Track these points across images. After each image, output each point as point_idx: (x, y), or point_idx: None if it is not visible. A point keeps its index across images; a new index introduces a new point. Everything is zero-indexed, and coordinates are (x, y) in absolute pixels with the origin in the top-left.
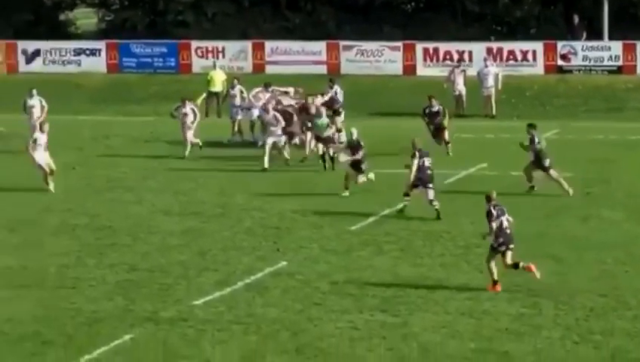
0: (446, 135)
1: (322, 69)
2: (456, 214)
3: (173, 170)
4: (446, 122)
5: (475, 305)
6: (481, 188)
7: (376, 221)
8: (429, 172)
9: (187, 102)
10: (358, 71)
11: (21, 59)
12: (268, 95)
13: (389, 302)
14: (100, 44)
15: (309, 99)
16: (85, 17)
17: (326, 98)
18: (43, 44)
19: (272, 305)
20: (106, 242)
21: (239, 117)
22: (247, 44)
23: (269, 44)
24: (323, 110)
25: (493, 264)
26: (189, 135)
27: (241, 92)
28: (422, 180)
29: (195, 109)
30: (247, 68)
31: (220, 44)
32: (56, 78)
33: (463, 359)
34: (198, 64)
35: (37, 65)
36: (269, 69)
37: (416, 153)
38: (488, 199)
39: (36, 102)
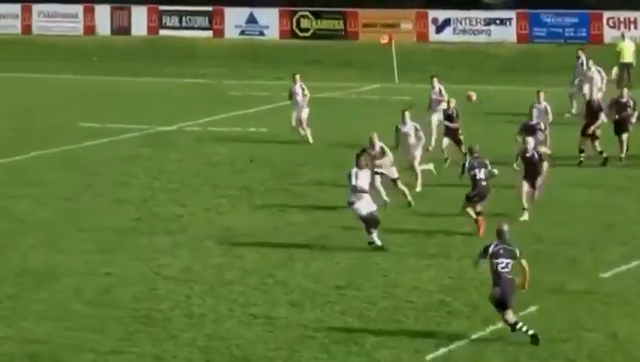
0: None
1: None
2: None
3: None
4: None
5: None
6: None
7: None
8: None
9: (436, 80)
10: None
11: (431, 28)
12: None
13: None
14: (511, 14)
15: None
16: None
17: None
18: (453, 14)
19: None
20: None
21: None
22: None
23: None
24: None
25: (469, 210)
26: (435, 117)
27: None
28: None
29: (442, 90)
30: None
31: (632, 14)
32: (465, 48)
33: None
34: (609, 34)
35: (447, 35)
36: None
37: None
38: (471, 152)
39: (299, 90)
